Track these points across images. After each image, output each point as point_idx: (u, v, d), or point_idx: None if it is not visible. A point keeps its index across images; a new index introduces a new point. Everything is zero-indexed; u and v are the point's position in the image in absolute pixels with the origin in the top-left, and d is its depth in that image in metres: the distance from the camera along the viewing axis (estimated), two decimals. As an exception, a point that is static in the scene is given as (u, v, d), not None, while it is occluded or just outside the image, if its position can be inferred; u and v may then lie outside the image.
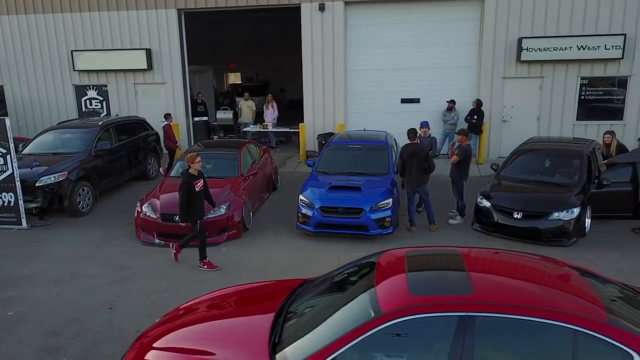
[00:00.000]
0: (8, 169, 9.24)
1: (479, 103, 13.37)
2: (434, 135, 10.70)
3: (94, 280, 7.22)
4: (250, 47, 25.82)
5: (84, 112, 15.93)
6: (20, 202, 9.33)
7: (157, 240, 8.54)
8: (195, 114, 16.38)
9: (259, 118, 16.85)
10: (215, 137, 16.50)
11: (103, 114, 15.70)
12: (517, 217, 8.34)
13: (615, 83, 13.26)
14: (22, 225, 9.41)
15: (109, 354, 5.36)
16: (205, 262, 7.60)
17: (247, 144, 10.94)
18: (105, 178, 11.05)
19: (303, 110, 14.85)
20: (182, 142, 14.55)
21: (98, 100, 15.91)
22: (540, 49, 13.06)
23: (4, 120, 9.19)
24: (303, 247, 8.39)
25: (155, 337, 4.30)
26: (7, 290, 6.97)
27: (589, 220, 8.65)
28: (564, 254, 7.79)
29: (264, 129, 15.87)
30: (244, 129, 16.19)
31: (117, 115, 14.43)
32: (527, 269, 3.93)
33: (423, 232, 8.96)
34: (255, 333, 3.87)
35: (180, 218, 7.74)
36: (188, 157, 7.70)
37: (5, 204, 9.38)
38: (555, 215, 8.14)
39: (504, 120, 13.94)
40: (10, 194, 9.32)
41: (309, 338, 3.59)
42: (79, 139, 10.94)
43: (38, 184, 9.53)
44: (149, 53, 15.02)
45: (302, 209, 8.77)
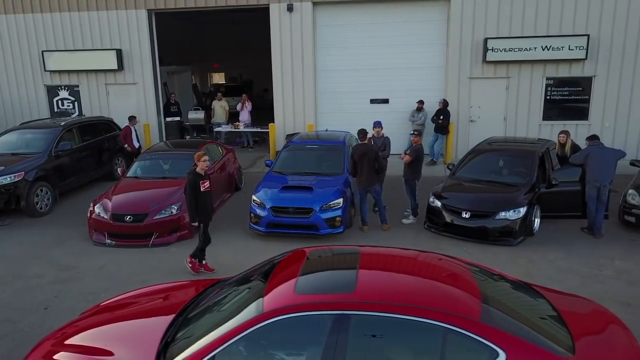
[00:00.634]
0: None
1: (445, 103, 13.44)
2: (389, 135, 10.69)
3: (36, 281, 7.24)
4: (235, 47, 25.85)
5: (56, 112, 15.91)
6: (-24, 202, 9.34)
7: (108, 241, 8.57)
8: (168, 114, 16.39)
9: (234, 118, 16.87)
10: (188, 137, 16.51)
11: (75, 115, 15.69)
12: (465, 216, 8.41)
13: (580, 83, 13.34)
14: (-23, 226, 9.43)
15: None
16: (194, 262, 7.38)
17: (207, 144, 10.97)
18: (67, 178, 11.07)
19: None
20: (154, 142, 14.54)
21: (70, 101, 15.90)
22: (506, 50, 13.14)
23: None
24: (252, 247, 8.42)
25: (66, 336, 4.34)
26: (-52, 291, 6.98)
27: (538, 220, 8.72)
28: (510, 253, 7.92)
29: (235, 129, 15.90)
30: (216, 129, 16.21)
31: (81, 116, 14.46)
32: (418, 268, 3.99)
33: (375, 231, 9.02)
34: (152, 333, 3.91)
35: (191, 220, 7.30)
36: (195, 155, 7.29)
37: (-39, 205, 9.40)
38: (502, 215, 8.21)
39: (472, 121, 14.01)
40: (-35, 195, 9.33)
41: (197, 337, 3.63)
42: (40, 140, 10.94)
43: (-7, 185, 9.55)
44: (120, 53, 15.02)
45: (254, 210, 8.82)
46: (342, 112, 14.60)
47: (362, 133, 8.95)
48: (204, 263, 7.52)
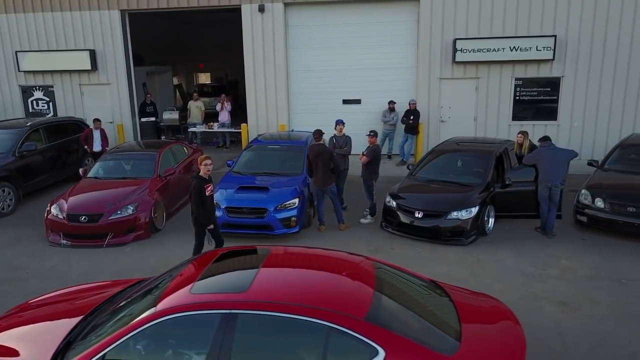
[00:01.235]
0: None
1: (415, 104, 13.49)
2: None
3: (-16, 281, 7.28)
4: (220, 47, 25.86)
5: (31, 112, 15.91)
6: None
7: (63, 241, 8.60)
8: (144, 115, 16.41)
9: (215, 118, 16.87)
10: (164, 137, 16.53)
11: (49, 115, 15.70)
12: (418, 216, 8.47)
13: (549, 84, 13.42)
14: (-64, 227, 9.44)
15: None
16: None
17: (171, 145, 11.00)
18: (32, 179, 11.08)
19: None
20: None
21: (45, 101, 15.90)
22: (474, 50, 13.20)
23: None
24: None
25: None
26: None
27: (493, 220, 8.79)
28: (459, 253, 7.98)
29: (210, 129, 15.93)
30: (190, 129, 16.24)
31: (48, 116, 14.47)
32: (319, 268, 4.03)
33: (333, 231, 9.06)
34: (57, 334, 3.95)
35: (203, 225, 7.14)
36: (198, 158, 7.16)
37: None
38: (454, 215, 8.27)
39: (442, 121, 14.07)
40: None
41: (95, 336, 3.67)
42: (4, 140, 10.96)
43: (-47, 185, 9.58)
44: (93, 54, 15.03)
45: (211, 210, 8.84)
46: (315, 112, 14.63)
47: (317, 133, 9.00)
48: None
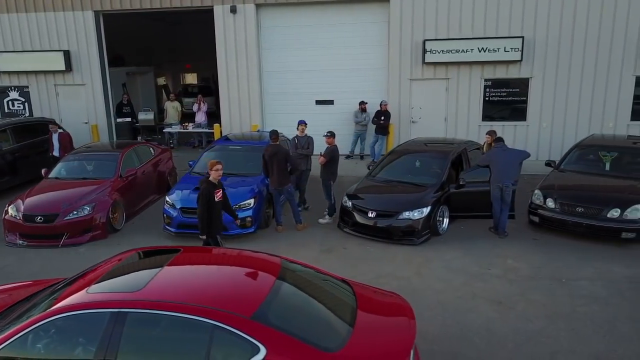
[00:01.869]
0: None
1: (386, 104, 13.57)
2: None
3: None
4: (207, 47, 25.86)
5: (7, 113, 15.96)
6: None
7: (19, 241, 8.65)
8: (121, 115, 16.46)
9: (188, 118, 16.95)
10: (140, 138, 16.58)
11: (25, 115, 15.75)
12: (371, 216, 8.53)
13: (518, 84, 13.50)
14: None
15: None
16: None
17: (135, 145, 11.05)
18: (-2, 180, 11.15)
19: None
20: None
21: (20, 102, 15.95)
22: (444, 51, 13.27)
23: None
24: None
25: None
26: None
27: (447, 220, 8.86)
28: (408, 252, 8.04)
29: (184, 130, 16.00)
30: (165, 130, 16.29)
31: (24, 116, 14.51)
32: (222, 268, 4.10)
33: (291, 231, 9.13)
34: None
35: (201, 232, 6.93)
36: (208, 163, 6.96)
37: None
38: (405, 215, 8.33)
39: (413, 122, 14.14)
40: None
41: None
42: (-32, 141, 11.02)
43: None
44: (68, 54, 15.09)
45: (167, 211, 8.91)
46: (288, 112, 14.66)
47: (273, 134, 9.06)
48: None
